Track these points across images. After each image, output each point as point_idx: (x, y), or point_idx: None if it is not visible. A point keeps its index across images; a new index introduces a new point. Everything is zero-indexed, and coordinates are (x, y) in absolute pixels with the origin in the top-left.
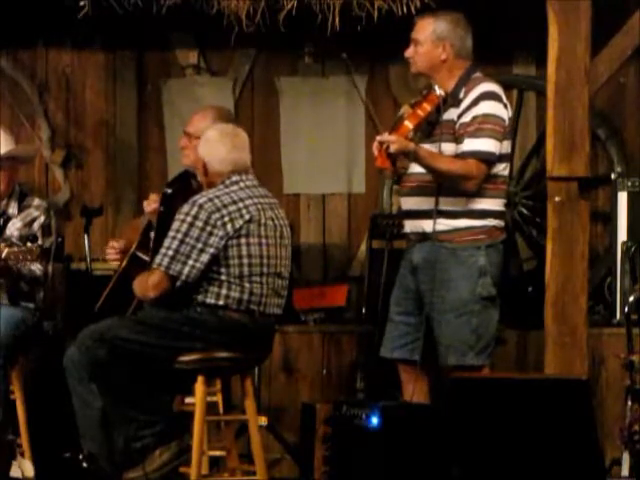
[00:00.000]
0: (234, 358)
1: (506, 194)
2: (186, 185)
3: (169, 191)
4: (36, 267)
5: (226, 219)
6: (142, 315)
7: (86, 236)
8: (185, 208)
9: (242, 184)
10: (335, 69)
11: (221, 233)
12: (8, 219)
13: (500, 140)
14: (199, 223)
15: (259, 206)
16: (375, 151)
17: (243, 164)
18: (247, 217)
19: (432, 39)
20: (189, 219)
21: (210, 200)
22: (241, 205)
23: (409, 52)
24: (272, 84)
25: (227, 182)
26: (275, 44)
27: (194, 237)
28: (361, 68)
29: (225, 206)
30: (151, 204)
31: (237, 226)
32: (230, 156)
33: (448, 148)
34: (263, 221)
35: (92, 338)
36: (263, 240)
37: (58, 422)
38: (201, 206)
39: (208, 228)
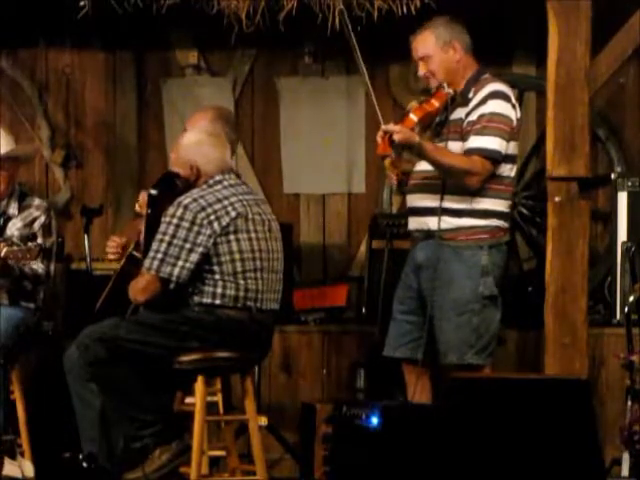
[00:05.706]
0: (234, 357)
1: (512, 196)
2: (171, 186)
3: (154, 192)
4: (38, 266)
5: (212, 217)
6: (141, 315)
7: (86, 236)
8: (170, 210)
9: (225, 183)
10: (335, 69)
11: (208, 232)
12: (8, 219)
13: (507, 139)
14: (185, 224)
15: (244, 202)
16: (378, 139)
17: (228, 163)
18: (233, 214)
19: (440, 46)
20: (175, 221)
21: (195, 200)
22: (226, 203)
23: (422, 71)
24: (272, 84)
25: (210, 182)
26: (275, 44)
27: (182, 238)
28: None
29: (210, 205)
30: (144, 206)
31: (224, 223)
32: (221, 156)
33: (454, 147)
34: (250, 216)
35: (92, 338)
36: (252, 235)
37: (58, 422)
38: (186, 207)
39: (195, 228)
